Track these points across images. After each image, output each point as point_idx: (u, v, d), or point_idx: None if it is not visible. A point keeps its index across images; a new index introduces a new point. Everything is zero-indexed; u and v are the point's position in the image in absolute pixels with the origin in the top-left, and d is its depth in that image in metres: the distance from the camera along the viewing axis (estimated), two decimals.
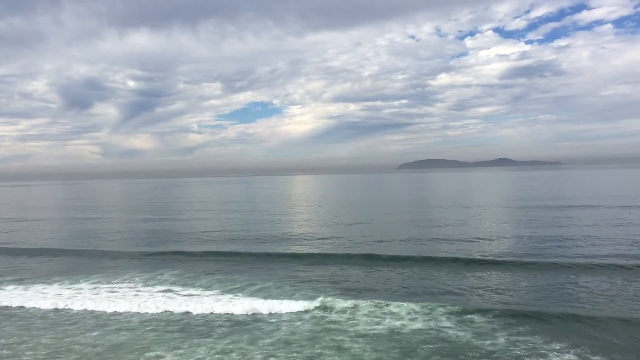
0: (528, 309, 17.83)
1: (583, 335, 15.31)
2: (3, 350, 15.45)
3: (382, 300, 19.31)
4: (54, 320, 18.51)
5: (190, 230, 43.02)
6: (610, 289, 20.39)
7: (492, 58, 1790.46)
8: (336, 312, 18.24)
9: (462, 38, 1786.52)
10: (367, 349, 14.60)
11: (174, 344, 15.47)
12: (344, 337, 15.62)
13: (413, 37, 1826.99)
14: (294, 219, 50.97)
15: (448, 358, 13.90)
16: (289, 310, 18.54)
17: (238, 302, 19.68)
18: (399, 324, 16.68)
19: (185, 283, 23.45)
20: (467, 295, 20.25)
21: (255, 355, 14.34)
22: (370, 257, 28.04)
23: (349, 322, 17.02)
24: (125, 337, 16.34)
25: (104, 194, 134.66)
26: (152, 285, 23.08)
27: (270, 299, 20.03)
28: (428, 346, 14.69)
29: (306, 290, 21.50)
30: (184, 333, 16.57)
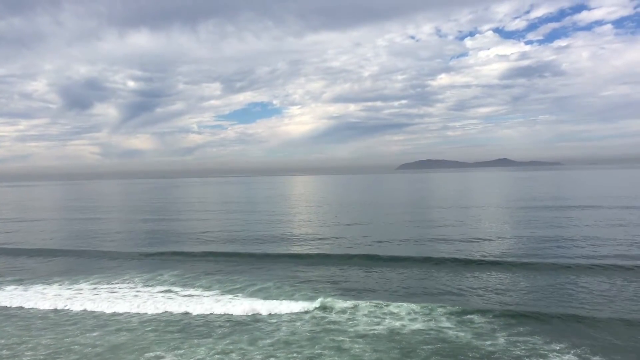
0: (528, 310, 17.84)
1: (583, 336, 15.32)
2: (3, 350, 15.45)
3: (382, 300, 19.31)
4: (53, 321, 18.51)
5: (190, 231, 42.99)
6: (610, 289, 20.40)
7: (492, 58, 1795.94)
8: (336, 312, 18.24)
9: (462, 38, 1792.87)
10: (367, 349, 14.61)
11: (173, 344, 15.48)
12: (344, 337, 15.62)
13: (413, 37, 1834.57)
14: (294, 219, 50.96)
15: (448, 358, 13.91)
16: (289, 311, 18.53)
17: (238, 302, 19.68)
18: (398, 324, 16.68)
19: (185, 283, 23.45)
20: (467, 295, 20.25)
21: (255, 356, 14.34)
22: (370, 258, 28.05)
23: (349, 323, 17.02)
24: (125, 337, 16.35)
25: (104, 194, 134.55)
26: (151, 286, 23.09)
27: (270, 299, 20.04)
28: (428, 346, 14.70)
29: (306, 290, 21.51)
30: (184, 333, 16.58)
